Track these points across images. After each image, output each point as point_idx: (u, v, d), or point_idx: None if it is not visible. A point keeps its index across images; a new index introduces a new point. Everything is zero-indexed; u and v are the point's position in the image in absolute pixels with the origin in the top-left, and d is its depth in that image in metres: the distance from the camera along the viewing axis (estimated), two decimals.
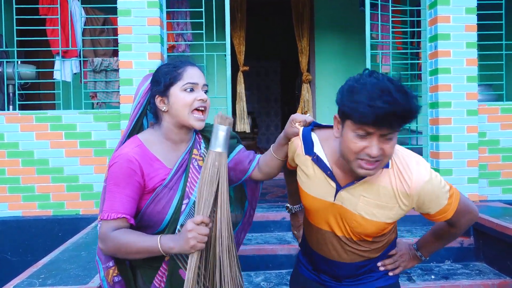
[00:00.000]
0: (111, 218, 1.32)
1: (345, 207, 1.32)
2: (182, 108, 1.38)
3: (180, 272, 1.38)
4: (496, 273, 3.12)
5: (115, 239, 1.30)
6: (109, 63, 4.11)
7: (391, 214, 1.30)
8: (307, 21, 6.11)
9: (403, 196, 1.28)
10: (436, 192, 1.28)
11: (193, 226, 1.24)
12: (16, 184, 3.79)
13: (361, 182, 1.29)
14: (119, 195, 1.33)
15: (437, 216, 1.34)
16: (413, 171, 1.27)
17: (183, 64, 1.42)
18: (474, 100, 3.81)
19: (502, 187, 4.01)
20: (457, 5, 3.77)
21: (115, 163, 1.35)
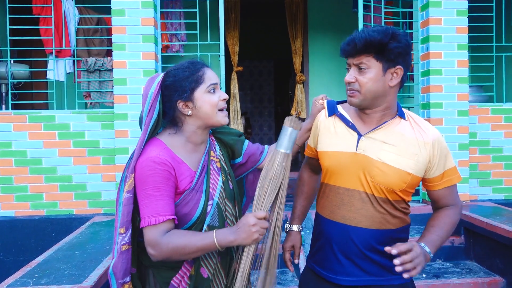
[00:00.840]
0: (159, 221, 1.30)
1: (367, 155, 1.40)
2: (211, 109, 1.41)
3: (201, 270, 1.41)
4: (486, 272, 3.17)
5: (170, 242, 1.29)
6: (103, 63, 4.11)
7: (411, 163, 1.38)
8: (300, 22, 6.14)
9: (422, 144, 1.39)
10: (446, 150, 1.44)
11: (256, 220, 1.30)
12: (9, 184, 3.78)
13: (382, 128, 1.41)
14: (162, 197, 1.32)
15: (439, 181, 1.44)
16: (428, 125, 1.45)
17: (201, 67, 1.43)
18: (465, 101, 3.86)
19: (492, 187, 4.07)
20: (448, 8, 3.82)
21: (149, 167, 1.32)
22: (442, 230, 1.45)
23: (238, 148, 1.59)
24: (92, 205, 3.83)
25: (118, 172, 3.70)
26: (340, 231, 1.45)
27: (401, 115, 1.45)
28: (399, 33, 1.36)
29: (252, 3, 6.60)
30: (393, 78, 1.38)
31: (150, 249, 1.31)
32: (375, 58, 1.35)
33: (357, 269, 1.44)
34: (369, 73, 1.36)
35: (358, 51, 1.35)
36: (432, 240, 1.42)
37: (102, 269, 2.37)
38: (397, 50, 1.34)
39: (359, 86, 1.37)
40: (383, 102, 1.41)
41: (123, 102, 3.71)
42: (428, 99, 3.88)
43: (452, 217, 1.48)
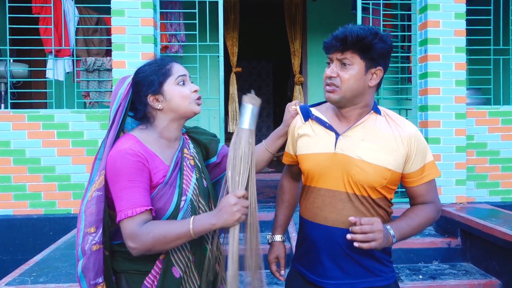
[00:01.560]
0: (137, 213, 1.27)
1: (346, 154, 1.40)
2: (181, 101, 1.41)
3: (173, 270, 1.38)
4: (482, 273, 3.18)
5: (150, 232, 1.26)
6: (102, 62, 4.12)
7: (390, 159, 1.39)
8: (299, 23, 6.16)
9: (399, 139, 1.40)
10: (424, 144, 1.44)
11: (236, 200, 1.29)
12: (7, 183, 3.78)
13: (358, 126, 1.42)
14: (137, 189, 1.29)
15: (418, 176, 1.43)
16: (404, 120, 1.46)
17: (167, 61, 1.44)
18: (463, 103, 3.88)
19: (489, 189, 4.09)
20: (446, 11, 3.85)
21: (122, 159, 1.30)
22: (413, 221, 1.42)
23: (212, 147, 1.59)
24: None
25: None
26: (323, 233, 1.44)
27: (376, 110, 1.46)
28: (384, 34, 1.39)
29: (251, 4, 6.62)
30: (372, 79, 1.40)
31: (130, 242, 1.28)
32: (359, 56, 1.37)
33: (341, 272, 1.43)
34: (352, 70, 1.37)
35: (346, 47, 1.36)
36: (400, 226, 1.39)
37: None
38: (382, 50, 1.36)
39: (340, 82, 1.38)
40: (361, 101, 1.43)
41: None
42: (425, 101, 3.90)
43: (427, 212, 1.45)
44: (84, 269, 1.32)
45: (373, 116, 1.45)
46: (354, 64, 1.37)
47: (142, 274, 1.38)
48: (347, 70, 1.37)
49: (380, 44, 1.35)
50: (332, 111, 1.50)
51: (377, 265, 1.45)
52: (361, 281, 1.43)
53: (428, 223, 1.46)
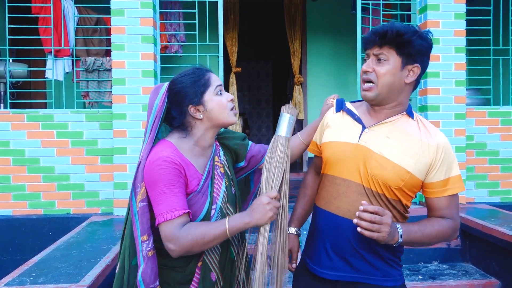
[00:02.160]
0: (175, 216, 1.32)
1: (368, 147, 1.40)
2: (222, 110, 1.46)
3: (211, 275, 1.43)
4: (482, 274, 3.19)
5: (189, 234, 1.31)
6: (102, 62, 4.11)
7: (411, 162, 1.37)
8: (299, 23, 6.16)
9: (426, 145, 1.39)
10: (452, 156, 1.42)
11: (269, 199, 1.36)
12: (6, 183, 3.77)
13: (387, 123, 1.42)
14: (175, 194, 1.34)
15: (439, 187, 1.40)
16: (436, 130, 1.45)
17: (205, 71, 1.49)
18: (462, 104, 3.88)
19: (488, 189, 4.09)
20: (446, 11, 3.85)
21: (160, 166, 1.35)
22: (426, 228, 1.38)
23: (241, 153, 1.63)
24: (90, 204, 3.83)
25: (116, 172, 3.71)
26: (333, 222, 1.44)
27: (409, 113, 1.45)
28: (425, 32, 1.39)
29: (251, 4, 6.61)
30: (409, 75, 1.39)
31: (169, 243, 1.33)
32: (396, 52, 1.36)
33: (346, 265, 1.42)
34: (388, 65, 1.37)
35: (384, 42, 1.36)
36: (411, 229, 1.35)
37: (99, 268, 2.38)
38: (420, 47, 1.36)
39: (375, 77, 1.38)
40: (396, 99, 1.42)
41: (122, 102, 3.71)
42: (425, 102, 3.90)
43: (443, 226, 1.40)
44: (143, 274, 1.38)
45: (404, 117, 1.44)
46: (390, 59, 1.37)
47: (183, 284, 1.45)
48: (382, 65, 1.37)
49: (419, 40, 1.35)
50: (365, 106, 1.52)
51: (384, 265, 1.43)
52: (364, 277, 1.42)
53: (441, 238, 1.42)
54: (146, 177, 1.38)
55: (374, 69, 1.38)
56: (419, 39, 1.36)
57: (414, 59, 1.38)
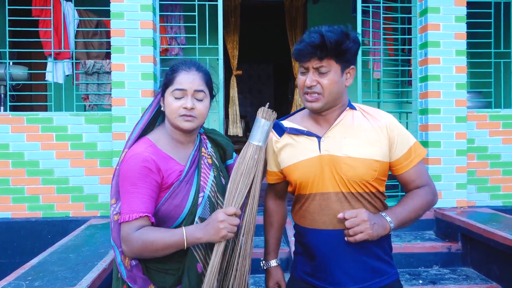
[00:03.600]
0: (132, 218, 1.31)
1: (332, 153, 1.40)
2: (170, 113, 1.42)
3: (198, 266, 1.40)
4: (483, 278, 3.16)
5: (140, 239, 1.30)
6: (102, 65, 4.11)
7: (375, 150, 1.40)
8: (300, 26, 6.16)
9: (379, 129, 1.42)
10: (402, 128, 1.46)
11: (225, 217, 1.30)
12: (6, 186, 3.77)
13: (338, 125, 1.43)
14: (138, 194, 1.33)
15: (406, 160, 1.43)
16: (378, 111, 1.48)
17: (179, 68, 1.43)
18: (463, 107, 3.86)
19: (490, 193, 4.06)
20: (447, 13, 3.83)
21: (130, 163, 1.36)
22: (409, 205, 1.42)
23: (229, 149, 1.61)
24: (89, 207, 3.82)
25: None
26: (324, 237, 1.42)
27: (351, 106, 1.48)
28: (353, 32, 1.39)
29: (252, 7, 6.61)
30: (348, 78, 1.43)
31: (123, 244, 1.34)
32: (335, 61, 1.37)
33: (348, 278, 1.41)
34: (330, 75, 1.37)
35: (325, 54, 1.35)
36: (396, 211, 1.40)
37: (96, 272, 2.36)
38: (353, 50, 1.38)
39: (321, 89, 1.38)
40: (340, 102, 1.45)
41: (121, 105, 3.71)
42: (426, 105, 3.88)
43: (422, 195, 1.44)
44: (114, 238, 1.41)
45: (349, 112, 1.47)
46: (331, 69, 1.38)
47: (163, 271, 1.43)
48: (325, 76, 1.37)
49: (352, 45, 1.37)
50: (309, 117, 1.50)
51: (381, 264, 1.44)
52: (368, 284, 1.42)
53: (426, 206, 1.45)
54: (120, 170, 1.40)
55: (318, 81, 1.38)
56: (353, 43, 1.37)
57: (350, 62, 1.41)
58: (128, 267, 1.40)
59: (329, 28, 1.36)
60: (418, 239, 3.56)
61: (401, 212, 1.40)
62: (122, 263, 1.41)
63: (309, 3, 6.32)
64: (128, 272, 1.40)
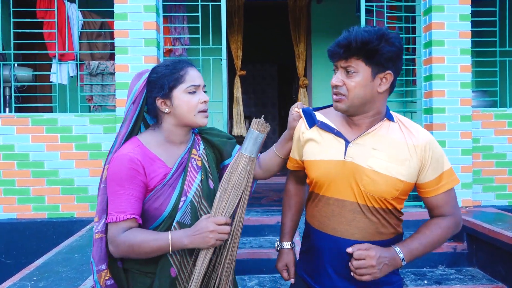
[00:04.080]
0: (120, 219, 1.32)
1: (356, 163, 1.33)
2: (187, 110, 1.41)
3: (171, 270, 1.38)
4: (489, 279, 3.14)
5: (127, 240, 1.31)
6: (106, 66, 4.13)
7: (402, 170, 1.31)
8: (304, 26, 6.15)
9: (412, 148, 1.33)
10: (440, 152, 1.36)
11: (215, 227, 1.31)
12: (11, 187, 3.79)
13: (370, 134, 1.35)
14: (125, 196, 1.33)
15: (434, 185, 1.35)
16: (418, 128, 1.39)
17: (183, 66, 1.43)
18: (468, 106, 3.84)
19: (495, 193, 4.04)
20: (451, 12, 3.81)
21: (117, 164, 1.34)
22: (427, 239, 1.35)
23: (226, 149, 1.57)
24: (94, 208, 3.82)
25: None
26: (331, 244, 1.39)
27: (389, 117, 1.38)
28: (392, 35, 1.29)
29: (255, 7, 6.61)
30: (382, 84, 1.32)
31: (110, 245, 1.34)
32: (364, 62, 1.29)
33: (347, 284, 1.39)
34: (357, 77, 1.30)
35: (349, 53, 1.29)
36: (412, 247, 1.33)
37: None
38: (389, 54, 1.27)
39: (346, 90, 1.31)
40: (371, 109, 1.35)
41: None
42: (430, 104, 3.86)
43: (443, 228, 1.37)
44: (93, 256, 1.41)
45: (386, 123, 1.37)
46: (359, 71, 1.29)
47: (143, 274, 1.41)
48: (352, 78, 1.30)
49: (387, 47, 1.27)
50: (341, 117, 1.43)
51: (387, 276, 1.37)
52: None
53: (444, 239, 1.39)
54: (108, 170, 1.38)
55: (344, 82, 1.31)
56: (387, 46, 1.27)
57: (385, 67, 1.29)
58: (103, 286, 1.41)
59: (365, 27, 1.31)
60: None
61: (417, 248, 1.34)
62: (97, 281, 1.42)
63: (313, 2, 6.31)
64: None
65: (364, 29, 1.29)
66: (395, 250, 1.32)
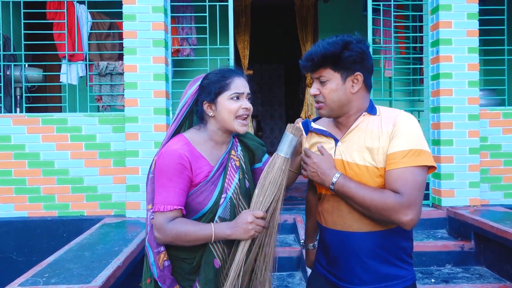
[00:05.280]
0: (167, 210, 1.45)
1: (344, 159, 1.44)
2: (228, 115, 1.53)
3: (215, 261, 1.51)
4: (497, 277, 3.13)
5: (174, 229, 1.44)
6: (114, 66, 4.18)
7: (378, 157, 1.38)
8: (310, 25, 6.16)
9: (386, 132, 1.40)
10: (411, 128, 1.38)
11: (253, 219, 1.44)
12: (22, 185, 3.85)
13: (354, 130, 1.45)
14: (173, 188, 1.45)
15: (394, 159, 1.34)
16: (395, 112, 1.46)
17: (231, 74, 1.56)
18: (476, 105, 3.83)
19: (503, 191, 4.02)
20: (458, 11, 3.80)
21: (167, 158, 1.47)
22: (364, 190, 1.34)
23: (258, 153, 1.70)
24: (103, 206, 3.88)
25: (129, 174, 3.75)
26: (335, 237, 1.48)
27: (370, 111, 1.46)
28: (351, 41, 1.40)
29: (262, 7, 6.63)
30: (354, 85, 1.43)
31: (156, 232, 1.46)
32: (332, 69, 1.41)
33: (356, 277, 1.44)
34: (329, 84, 1.42)
35: (316, 66, 1.42)
36: (348, 182, 1.37)
37: (110, 269, 2.41)
38: (351, 58, 1.39)
39: (323, 98, 1.45)
40: (351, 108, 1.46)
41: (134, 105, 3.76)
42: (438, 103, 3.85)
43: (385, 196, 1.32)
44: (149, 240, 1.52)
45: (366, 117, 1.46)
46: (330, 79, 1.43)
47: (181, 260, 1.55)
48: (325, 85, 1.43)
49: (347, 53, 1.38)
50: (331, 121, 1.56)
51: (391, 269, 1.43)
52: (378, 286, 1.42)
53: (380, 208, 1.31)
54: (156, 164, 1.50)
55: (320, 90, 1.45)
56: (347, 51, 1.38)
57: (352, 70, 1.41)
58: (161, 267, 1.51)
59: (330, 39, 1.42)
60: (430, 238, 3.54)
61: (350, 187, 1.36)
62: (155, 263, 1.51)
63: (320, 2, 6.32)
64: (160, 272, 1.51)
65: (328, 41, 1.42)
66: (335, 174, 1.40)
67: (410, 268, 1.48)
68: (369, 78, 1.46)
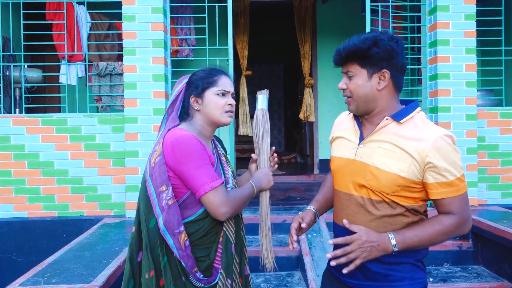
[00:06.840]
0: (219, 184, 1.51)
1: (363, 161, 1.45)
2: (215, 109, 1.62)
3: (232, 247, 1.62)
4: (494, 276, 3.15)
5: (236, 197, 1.56)
6: (114, 67, 4.19)
7: (403, 167, 1.36)
8: (309, 26, 6.17)
9: (418, 147, 1.35)
10: (450, 153, 1.35)
11: (271, 171, 1.73)
12: (21, 186, 3.86)
13: (377, 131, 1.44)
14: (208, 165, 1.53)
15: (437, 189, 1.35)
16: (429, 128, 1.40)
17: (218, 72, 1.66)
18: (473, 105, 3.85)
19: (501, 191, 4.05)
20: (456, 12, 3.83)
21: (189, 142, 1.50)
22: (424, 232, 1.36)
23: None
24: (103, 206, 3.89)
25: (128, 175, 3.76)
26: (343, 234, 1.44)
27: (394, 117, 1.42)
28: (381, 39, 1.40)
29: (261, 7, 6.65)
30: (380, 82, 1.42)
31: (222, 207, 1.51)
32: (359, 65, 1.42)
33: (360, 274, 1.45)
34: (356, 79, 1.44)
35: (344, 60, 1.45)
36: (406, 236, 1.35)
37: (111, 269, 2.42)
38: (378, 55, 1.39)
39: (350, 92, 1.47)
40: (376, 106, 1.45)
41: (133, 106, 3.77)
42: (436, 103, 3.88)
43: (445, 225, 1.37)
44: (166, 223, 1.48)
45: (389, 122, 1.43)
46: (356, 74, 1.44)
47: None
48: (352, 80, 1.45)
49: (375, 49, 1.39)
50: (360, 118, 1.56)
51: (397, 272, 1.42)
52: (382, 284, 1.42)
53: (444, 237, 1.38)
54: (173, 155, 1.49)
55: (347, 85, 1.47)
56: (375, 48, 1.38)
57: (379, 66, 1.41)
58: (183, 247, 1.50)
59: (362, 35, 1.45)
60: None
61: (411, 238, 1.35)
62: (175, 246, 1.49)
63: (318, 3, 6.34)
64: (183, 252, 1.50)
65: (360, 37, 1.43)
66: (388, 235, 1.35)
67: (418, 271, 1.45)
68: (398, 77, 1.43)
